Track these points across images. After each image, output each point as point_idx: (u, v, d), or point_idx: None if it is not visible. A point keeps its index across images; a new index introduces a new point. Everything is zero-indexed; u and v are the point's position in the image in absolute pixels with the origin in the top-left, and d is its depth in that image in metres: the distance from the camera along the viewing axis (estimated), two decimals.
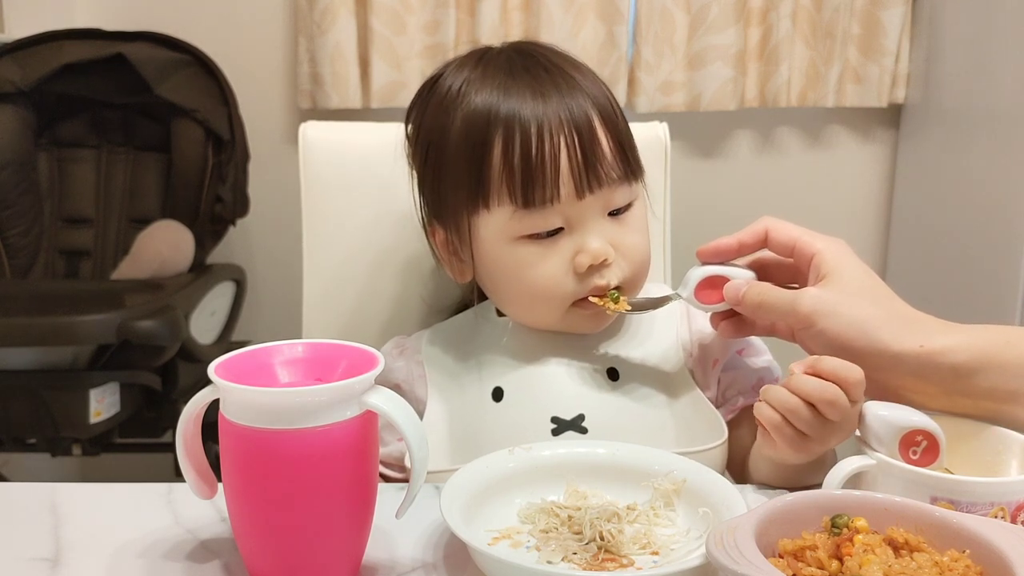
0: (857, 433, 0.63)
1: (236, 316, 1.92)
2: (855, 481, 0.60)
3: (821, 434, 0.62)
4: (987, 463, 0.63)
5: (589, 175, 0.74)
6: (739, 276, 0.73)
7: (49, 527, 0.62)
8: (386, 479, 0.81)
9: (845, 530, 0.50)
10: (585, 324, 0.79)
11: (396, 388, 0.83)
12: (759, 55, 2.00)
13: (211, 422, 0.54)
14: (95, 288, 1.77)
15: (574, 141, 0.73)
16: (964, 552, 0.47)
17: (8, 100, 1.81)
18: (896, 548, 0.49)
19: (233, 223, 1.90)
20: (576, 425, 0.75)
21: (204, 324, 1.73)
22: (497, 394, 0.78)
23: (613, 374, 0.78)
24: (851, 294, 0.67)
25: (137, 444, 1.78)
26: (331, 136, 0.98)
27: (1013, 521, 0.55)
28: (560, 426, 0.75)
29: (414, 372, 0.83)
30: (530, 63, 0.78)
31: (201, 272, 1.81)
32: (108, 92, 1.87)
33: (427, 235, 0.84)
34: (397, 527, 0.60)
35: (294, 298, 1.00)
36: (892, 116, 2.13)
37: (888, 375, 0.65)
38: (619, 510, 0.61)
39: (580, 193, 0.74)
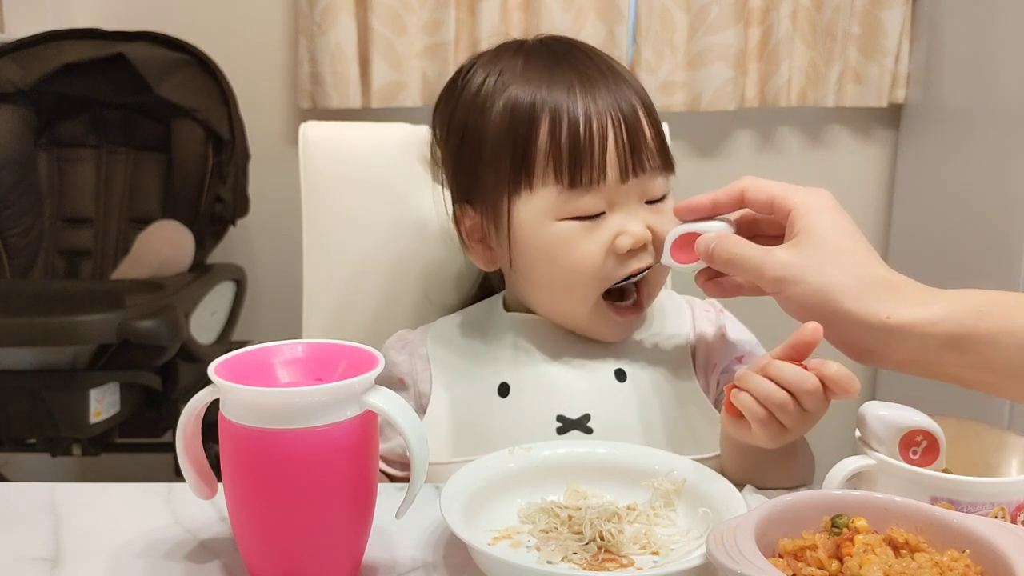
0: (857, 433, 0.63)
1: (236, 316, 1.92)
2: (855, 481, 0.60)
3: (798, 424, 0.62)
4: (987, 463, 0.63)
5: (634, 159, 0.75)
6: (713, 230, 0.71)
7: (49, 527, 0.62)
8: (388, 476, 0.81)
9: (845, 530, 0.50)
10: (609, 331, 0.79)
11: (399, 383, 0.83)
12: (759, 55, 2.00)
13: (211, 422, 0.54)
14: (95, 288, 1.77)
15: (621, 125, 0.75)
16: (964, 552, 0.47)
17: (8, 100, 1.81)
18: (896, 548, 0.49)
19: (233, 223, 1.90)
20: (582, 425, 0.75)
21: (204, 324, 1.73)
22: (503, 389, 0.78)
23: (620, 375, 0.78)
24: (820, 257, 0.65)
25: (137, 444, 1.78)
26: (331, 136, 0.98)
27: (1013, 521, 0.55)
28: (565, 425, 0.75)
29: (417, 367, 0.83)
30: (572, 52, 0.79)
31: (201, 272, 1.81)
32: (108, 92, 1.87)
33: (454, 221, 0.84)
34: (397, 527, 0.60)
35: (294, 298, 1.00)
36: (892, 116, 2.13)
37: (857, 341, 0.64)
38: (619, 510, 0.61)
39: (624, 176, 0.75)
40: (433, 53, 1.96)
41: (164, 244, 1.79)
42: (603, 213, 0.75)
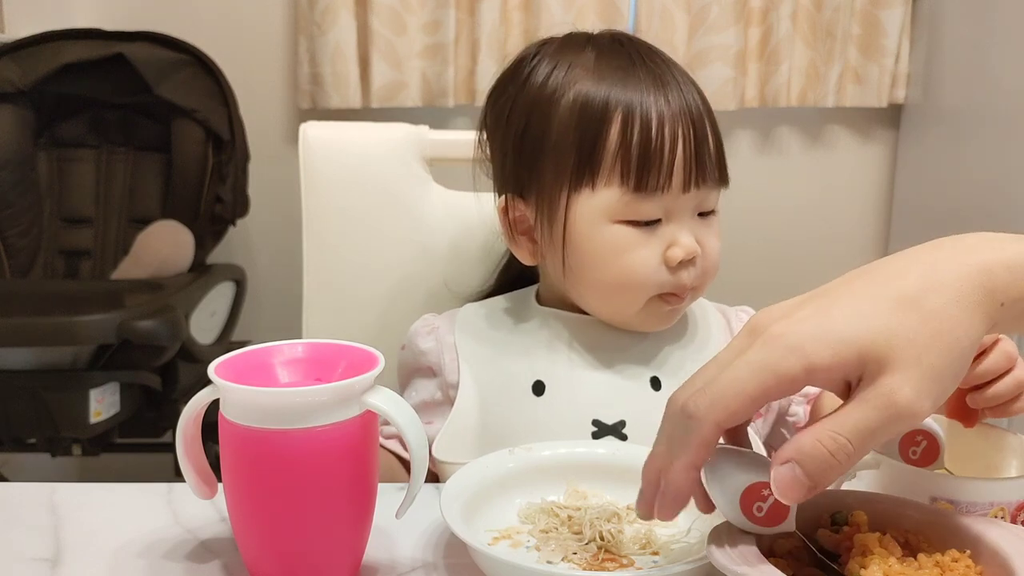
0: None
1: (236, 316, 1.92)
2: (855, 481, 0.60)
3: None
4: (987, 463, 0.63)
5: (698, 170, 0.74)
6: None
7: (49, 527, 0.62)
8: (401, 460, 0.80)
9: (845, 527, 0.50)
10: (660, 320, 0.78)
11: (427, 371, 0.81)
12: (759, 55, 2.00)
13: (211, 422, 0.54)
14: (95, 288, 1.77)
15: (690, 134, 0.74)
16: (964, 552, 0.47)
17: (8, 100, 1.81)
18: (897, 548, 0.49)
19: (233, 223, 1.90)
20: (616, 431, 0.74)
21: (204, 324, 1.73)
22: (538, 388, 0.76)
23: (656, 383, 0.77)
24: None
25: (137, 444, 1.78)
26: (331, 136, 0.98)
27: (1013, 521, 0.55)
28: (601, 430, 0.74)
29: (445, 356, 0.81)
30: (645, 52, 0.78)
31: (201, 272, 1.81)
32: (108, 92, 1.87)
33: (501, 211, 0.81)
34: (397, 527, 0.60)
35: (294, 298, 1.00)
36: (892, 116, 2.13)
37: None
38: (619, 510, 0.61)
39: (687, 186, 0.74)
40: (433, 53, 1.96)
41: (164, 244, 1.79)
42: (659, 221, 0.74)
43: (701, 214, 0.77)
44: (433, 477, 0.77)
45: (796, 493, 0.43)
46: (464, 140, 1.03)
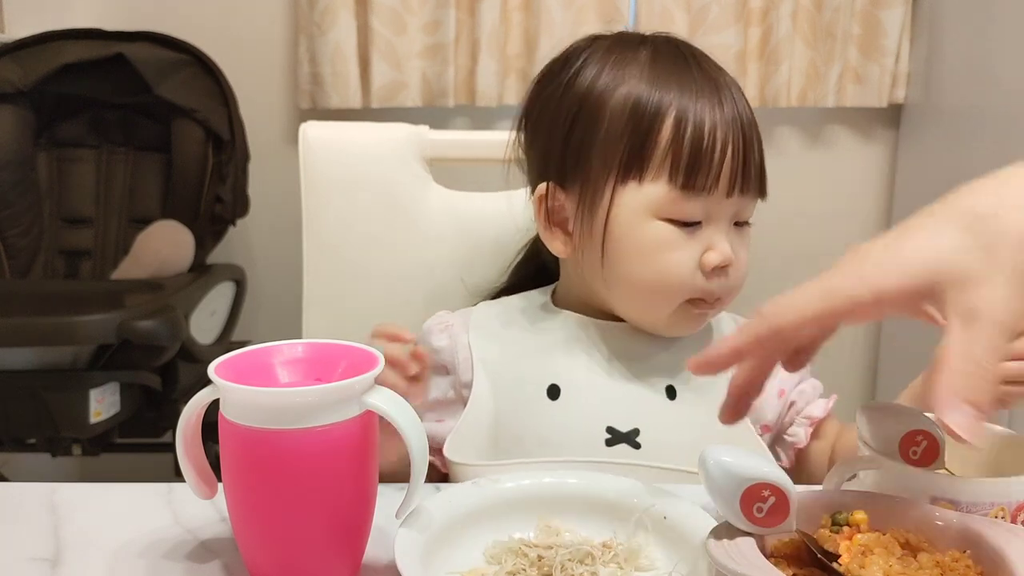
0: (857, 433, 0.63)
1: (236, 316, 1.92)
2: (855, 481, 0.60)
3: None
4: (987, 463, 0.63)
5: (743, 177, 0.74)
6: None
7: (49, 527, 0.62)
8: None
9: (845, 527, 0.50)
10: (688, 326, 0.78)
11: (441, 370, 0.80)
12: (759, 55, 2.00)
13: (211, 422, 0.54)
14: (95, 288, 1.77)
15: (739, 141, 0.74)
16: (964, 552, 0.47)
17: (8, 100, 1.81)
18: (897, 548, 0.49)
19: (233, 223, 1.90)
20: (630, 439, 0.74)
21: (204, 324, 1.73)
22: (553, 392, 0.76)
23: (671, 392, 0.77)
24: None
25: (137, 444, 1.78)
26: (331, 136, 0.98)
27: (1013, 521, 0.55)
28: (615, 437, 0.74)
29: (459, 355, 0.80)
30: (699, 56, 0.79)
31: (201, 272, 1.81)
32: (108, 92, 1.87)
33: (537, 200, 0.80)
34: (397, 527, 0.60)
35: (294, 298, 1.00)
36: (892, 116, 2.13)
37: None
38: (593, 549, 0.56)
39: (731, 191, 0.74)
40: (433, 53, 1.96)
41: (164, 244, 1.79)
42: (699, 223, 0.75)
43: (737, 224, 0.77)
44: (442, 477, 0.77)
45: (980, 429, 0.43)
46: (464, 140, 1.04)
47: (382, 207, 0.97)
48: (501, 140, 0.87)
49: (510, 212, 0.94)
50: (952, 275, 0.44)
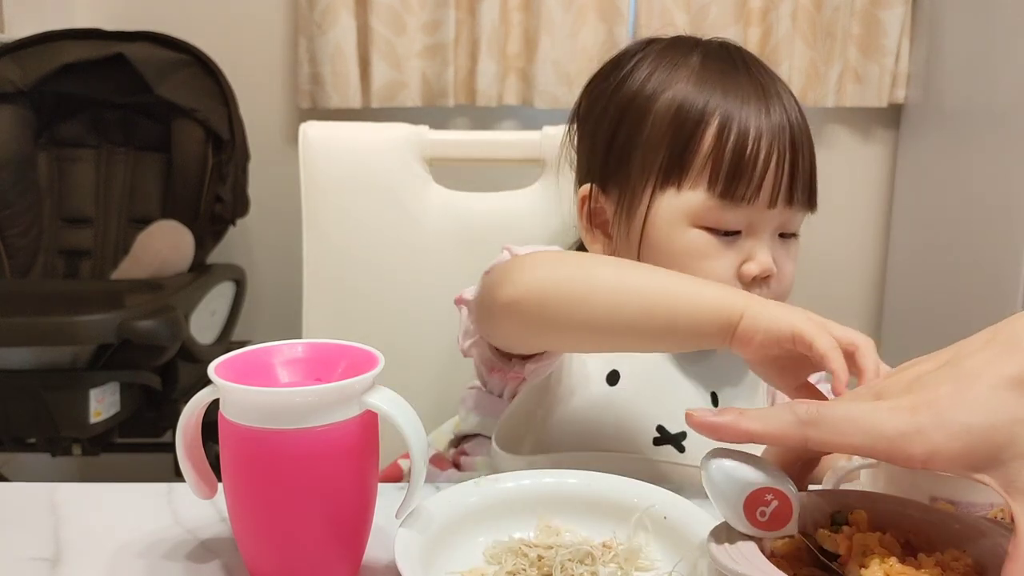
0: None
1: (236, 316, 1.92)
2: (855, 481, 0.60)
3: None
4: None
5: (788, 188, 0.72)
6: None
7: (49, 527, 0.62)
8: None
9: (845, 527, 0.50)
10: None
11: None
12: (759, 55, 1.98)
13: (211, 422, 0.54)
14: (95, 288, 1.77)
15: (786, 150, 0.72)
16: (964, 552, 0.47)
17: (8, 100, 1.81)
18: (897, 548, 0.49)
19: (233, 223, 1.90)
20: (677, 442, 0.73)
21: (204, 324, 1.73)
22: (612, 377, 0.74)
23: (715, 399, 0.76)
24: None
25: (137, 444, 1.78)
26: (331, 136, 0.98)
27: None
28: (663, 437, 0.73)
29: None
30: (752, 62, 0.77)
31: (201, 272, 1.81)
32: (108, 92, 1.87)
33: (581, 200, 0.80)
34: (397, 527, 0.60)
35: (294, 298, 1.00)
36: (892, 116, 2.13)
37: None
38: (593, 549, 0.56)
39: (773, 202, 0.72)
40: (433, 53, 1.96)
41: (164, 244, 1.79)
42: (739, 233, 0.73)
43: (782, 235, 0.75)
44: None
45: None
46: (464, 140, 1.03)
47: (382, 207, 0.97)
48: (501, 140, 0.87)
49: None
50: (1006, 443, 0.41)
